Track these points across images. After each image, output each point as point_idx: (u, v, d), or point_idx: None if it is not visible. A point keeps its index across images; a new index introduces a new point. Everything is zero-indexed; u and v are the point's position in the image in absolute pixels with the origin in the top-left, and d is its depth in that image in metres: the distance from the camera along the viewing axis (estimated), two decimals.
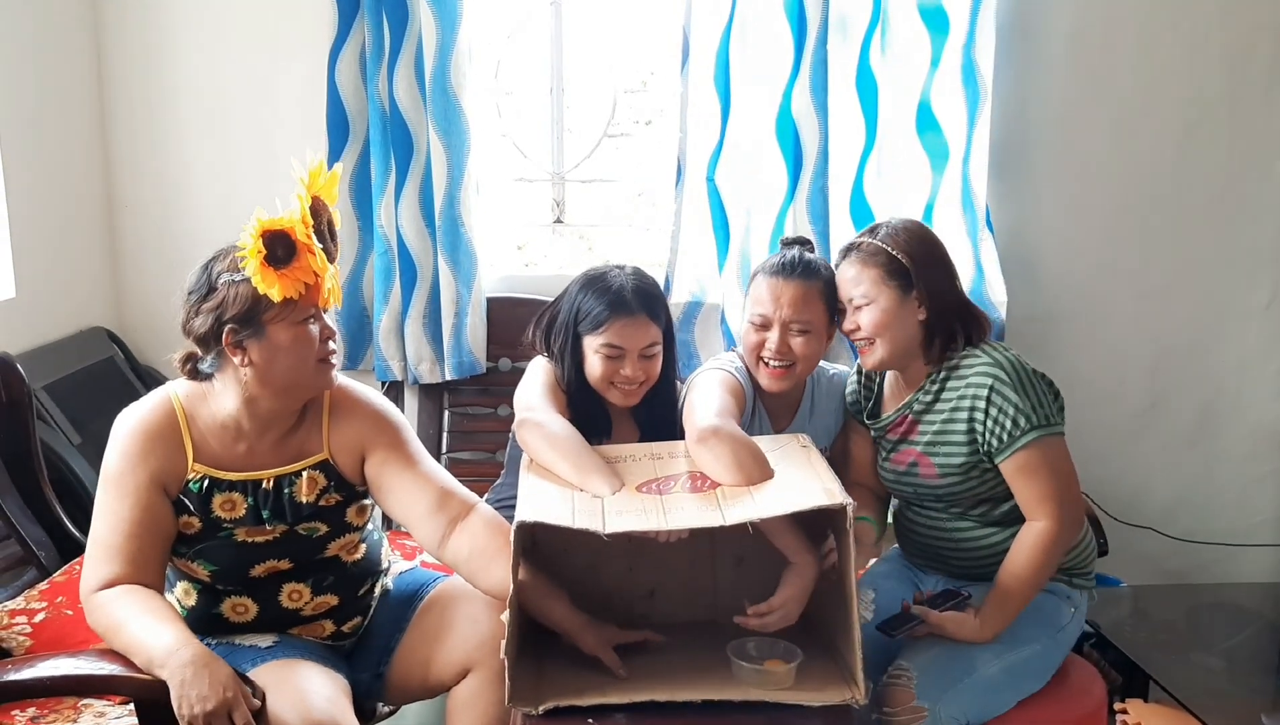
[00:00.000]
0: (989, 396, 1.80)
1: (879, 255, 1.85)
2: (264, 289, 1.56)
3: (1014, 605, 1.79)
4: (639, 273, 1.94)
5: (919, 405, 1.90)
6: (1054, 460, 1.79)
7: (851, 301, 1.87)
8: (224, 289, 1.59)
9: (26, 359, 2.20)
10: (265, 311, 1.59)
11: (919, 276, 1.84)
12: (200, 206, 2.76)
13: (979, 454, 1.83)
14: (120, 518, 1.60)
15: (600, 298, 1.87)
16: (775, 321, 1.91)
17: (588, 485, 1.65)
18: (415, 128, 2.59)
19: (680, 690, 1.56)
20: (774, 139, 2.59)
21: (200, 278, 1.63)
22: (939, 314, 1.86)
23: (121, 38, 2.70)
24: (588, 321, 1.87)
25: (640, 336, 1.87)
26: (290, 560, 1.71)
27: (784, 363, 1.92)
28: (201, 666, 1.45)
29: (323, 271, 1.59)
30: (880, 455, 2.00)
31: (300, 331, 1.61)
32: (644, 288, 1.90)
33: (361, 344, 2.74)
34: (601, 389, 1.90)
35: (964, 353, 1.87)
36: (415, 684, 1.77)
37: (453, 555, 1.70)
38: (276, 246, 1.55)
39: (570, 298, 1.92)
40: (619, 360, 1.87)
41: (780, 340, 1.90)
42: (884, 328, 1.85)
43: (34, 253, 2.48)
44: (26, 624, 1.88)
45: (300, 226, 1.57)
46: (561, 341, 1.91)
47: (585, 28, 2.83)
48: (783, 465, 1.68)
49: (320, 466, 1.72)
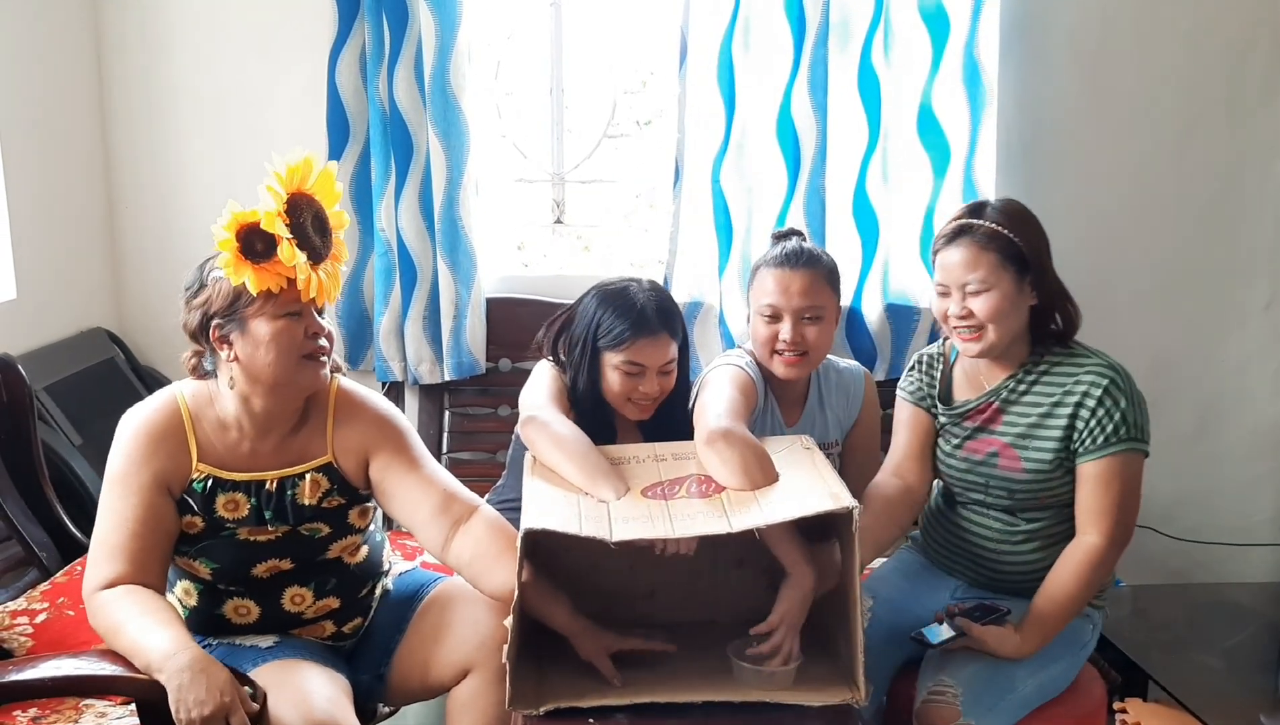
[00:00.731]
0: (1101, 396, 1.76)
1: (997, 239, 1.77)
2: (236, 280, 1.57)
3: (1056, 623, 1.77)
4: (656, 287, 1.93)
5: (1009, 393, 1.85)
6: (1130, 478, 1.77)
7: (965, 287, 1.78)
8: (211, 285, 1.62)
9: (27, 360, 2.21)
10: (246, 305, 1.60)
11: (1033, 262, 1.78)
12: (200, 207, 2.76)
13: (1068, 452, 1.80)
14: (123, 517, 1.61)
15: (623, 316, 1.86)
16: (786, 312, 1.92)
17: (594, 489, 1.65)
18: (415, 129, 2.59)
19: (681, 692, 1.56)
20: (774, 140, 2.59)
21: (194, 276, 1.66)
22: (1047, 300, 1.81)
23: (122, 40, 2.70)
24: (609, 338, 1.86)
25: (661, 355, 1.87)
26: (292, 560, 1.71)
27: (798, 351, 1.92)
28: (199, 671, 1.45)
29: (292, 262, 1.56)
30: (948, 443, 1.93)
31: (281, 326, 1.61)
32: (664, 305, 1.90)
33: (362, 345, 2.74)
34: (618, 404, 1.90)
35: (1070, 349, 1.84)
36: (415, 684, 1.77)
37: (455, 558, 1.71)
38: (255, 240, 1.56)
39: (588, 311, 1.91)
40: (638, 377, 1.87)
41: (793, 330, 1.91)
42: (1001, 315, 1.77)
43: (35, 254, 2.48)
44: (28, 624, 1.89)
45: (271, 219, 1.56)
46: (578, 355, 1.90)
47: (585, 29, 2.83)
48: (787, 469, 1.67)
49: (323, 469, 1.72)
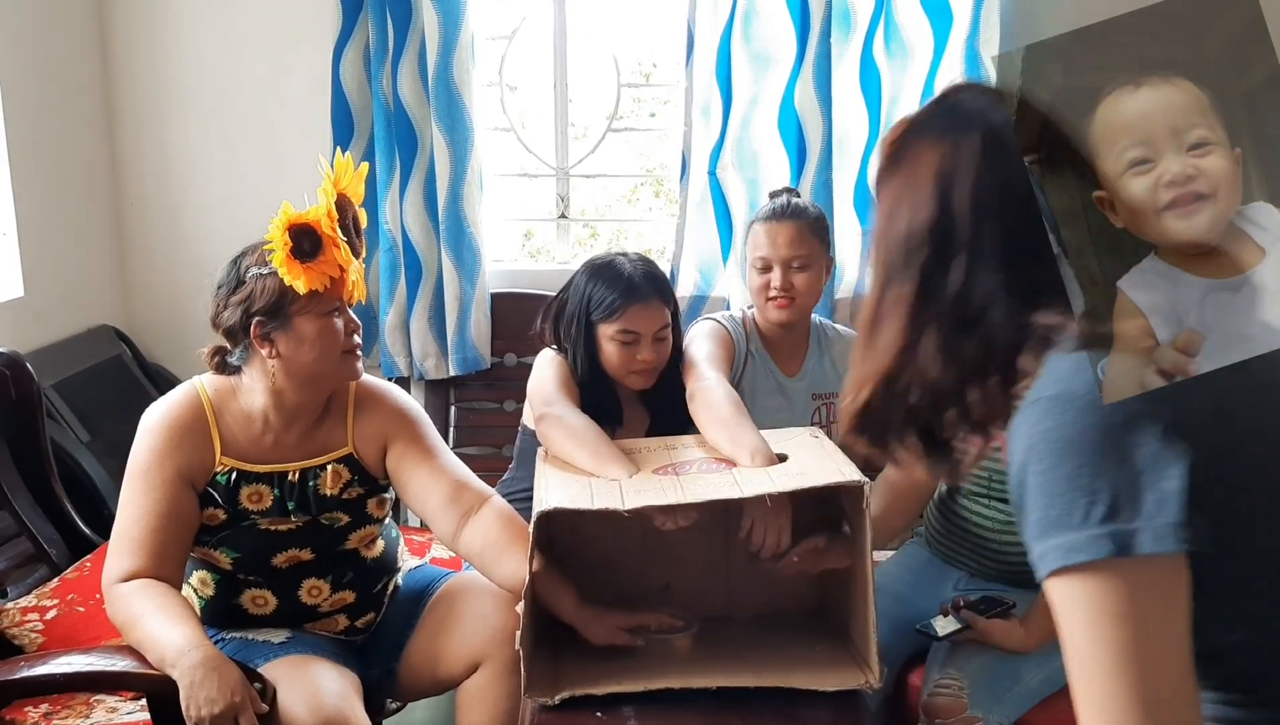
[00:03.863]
0: None
1: None
2: (289, 281, 1.58)
3: None
4: (643, 257, 1.96)
5: None
6: None
7: None
8: (252, 282, 1.63)
9: (35, 357, 2.21)
10: (291, 304, 1.62)
11: None
12: (206, 204, 2.77)
13: None
14: (145, 511, 1.62)
15: (612, 286, 1.89)
16: (775, 261, 2.04)
17: (604, 471, 1.65)
18: (419, 124, 2.60)
19: (694, 677, 1.56)
20: (777, 132, 2.59)
21: (230, 272, 1.67)
22: None
23: (127, 37, 2.71)
24: (601, 309, 1.89)
25: (654, 320, 1.89)
26: (312, 550, 1.73)
27: (787, 296, 2.04)
28: (211, 669, 1.46)
29: (347, 265, 1.62)
30: None
31: (325, 323, 1.64)
32: (651, 272, 1.93)
33: (368, 340, 2.74)
34: (619, 375, 1.92)
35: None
36: (426, 679, 1.78)
37: (466, 547, 1.72)
38: (303, 240, 1.58)
39: (578, 288, 1.93)
40: (634, 345, 1.89)
41: (783, 277, 2.03)
42: None
43: (42, 252, 2.49)
44: (38, 621, 1.89)
45: (326, 220, 1.59)
46: (574, 332, 1.92)
47: (588, 23, 2.83)
48: (796, 452, 1.68)
49: (345, 460, 1.74)
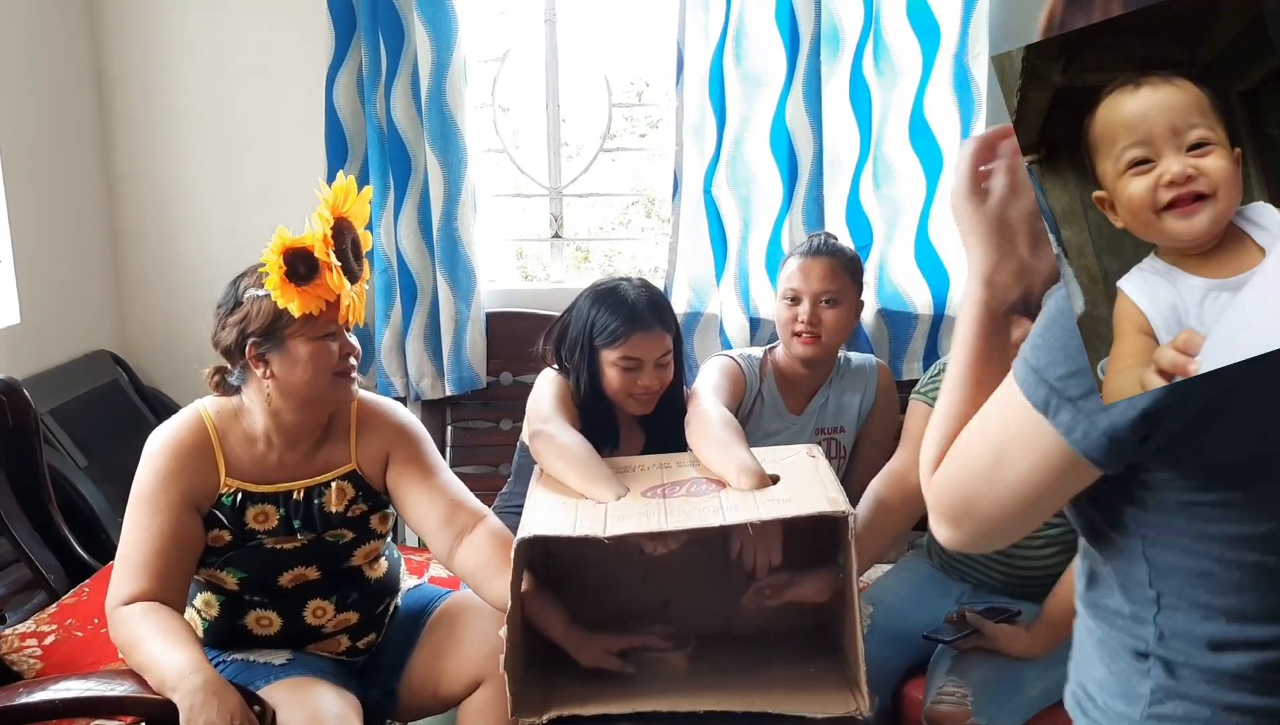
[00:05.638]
0: None
1: None
2: (283, 304, 1.60)
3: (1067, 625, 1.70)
4: (646, 284, 1.98)
5: None
6: None
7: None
8: (248, 304, 1.65)
9: (32, 383, 2.22)
10: (286, 326, 1.63)
11: None
12: (202, 229, 2.78)
13: None
14: (150, 534, 1.63)
15: (615, 313, 1.90)
16: (805, 294, 2.07)
17: (592, 492, 1.66)
18: (413, 146, 2.61)
19: (684, 700, 1.56)
20: (768, 150, 2.61)
21: (229, 292, 1.69)
22: None
23: (122, 63, 2.72)
24: (604, 336, 1.90)
25: (656, 347, 1.91)
26: (318, 568, 1.74)
27: (814, 332, 2.07)
28: (211, 693, 1.47)
29: (340, 289, 1.63)
30: None
31: (319, 347, 1.65)
32: (655, 299, 1.95)
33: (364, 361, 2.75)
34: (619, 400, 1.93)
35: None
36: (427, 698, 1.78)
37: (460, 567, 1.74)
38: (298, 263, 1.59)
39: (582, 312, 1.95)
40: (636, 372, 1.90)
41: (811, 311, 2.07)
42: None
43: (38, 278, 2.50)
44: (37, 646, 1.90)
45: (320, 245, 1.61)
46: (577, 356, 1.93)
47: (580, 44, 2.85)
48: (789, 474, 1.68)
49: (348, 477, 1.76)
